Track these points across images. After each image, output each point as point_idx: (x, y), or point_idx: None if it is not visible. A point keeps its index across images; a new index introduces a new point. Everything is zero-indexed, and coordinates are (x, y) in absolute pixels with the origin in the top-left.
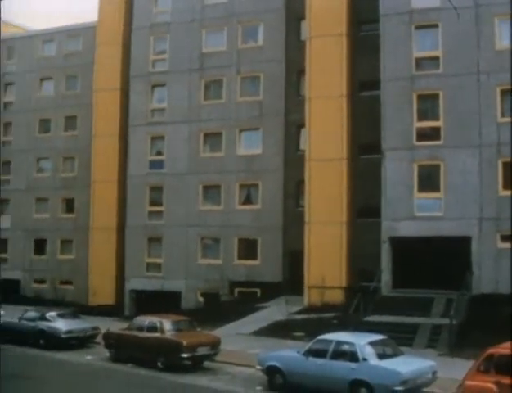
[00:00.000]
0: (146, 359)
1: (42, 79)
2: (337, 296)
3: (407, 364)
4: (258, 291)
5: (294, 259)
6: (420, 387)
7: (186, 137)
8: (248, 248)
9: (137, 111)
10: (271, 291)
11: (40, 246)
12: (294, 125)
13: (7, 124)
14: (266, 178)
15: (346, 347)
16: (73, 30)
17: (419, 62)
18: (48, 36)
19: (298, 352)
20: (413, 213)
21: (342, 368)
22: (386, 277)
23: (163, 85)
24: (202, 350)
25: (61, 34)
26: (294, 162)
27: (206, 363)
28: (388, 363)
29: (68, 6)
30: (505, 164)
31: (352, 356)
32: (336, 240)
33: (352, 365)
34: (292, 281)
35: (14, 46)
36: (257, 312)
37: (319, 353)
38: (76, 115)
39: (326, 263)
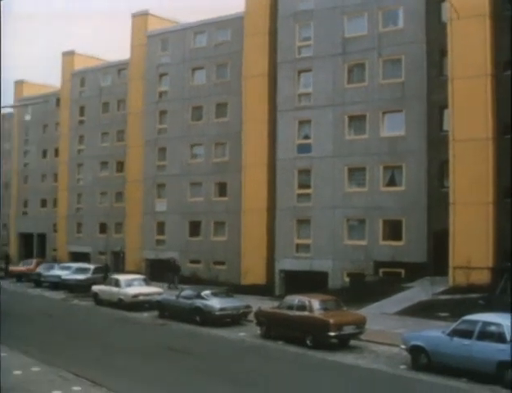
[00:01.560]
0: (296, 336)
1: (194, 69)
2: (483, 277)
3: None
4: (403, 271)
5: (438, 240)
6: None
7: (331, 121)
8: (392, 229)
9: (285, 97)
10: (415, 272)
11: (195, 228)
12: (436, 106)
13: (163, 113)
14: (409, 160)
15: (493, 328)
16: (222, 22)
17: None
18: (199, 28)
19: (443, 332)
20: None
21: (488, 349)
22: None
23: (308, 70)
24: (348, 329)
25: (211, 26)
26: (437, 143)
27: (352, 342)
28: None
29: None
30: None
31: (500, 337)
32: (482, 220)
33: (500, 346)
34: (436, 261)
35: (167, 38)
36: (401, 292)
37: (465, 333)
38: (227, 102)
39: (472, 243)
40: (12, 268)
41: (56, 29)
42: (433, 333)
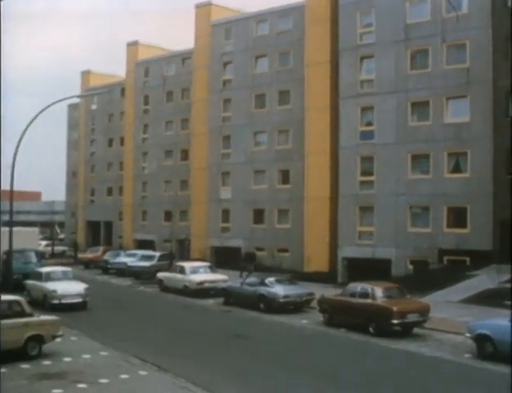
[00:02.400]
0: (359, 324)
1: (257, 57)
2: None
3: None
4: (468, 259)
5: (504, 228)
6: None
7: (394, 107)
8: (457, 216)
9: (347, 83)
10: (480, 260)
11: (259, 216)
12: (502, 91)
13: (227, 101)
14: (474, 146)
15: None
16: (284, 10)
17: None
18: (261, 17)
19: (509, 321)
20: None
21: None
22: None
23: (370, 57)
24: (412, 317)
25: (273, 15)
26: (503, 129)
27: (415, 330)
28: None
29: None
30: None
31: None
32: None
33: None
34: (502, 249)
35: (231, 28)
36: (466, 280)
37: None
38: (289, 90)
39: None
40: (80, 255)
41: (121, 21)
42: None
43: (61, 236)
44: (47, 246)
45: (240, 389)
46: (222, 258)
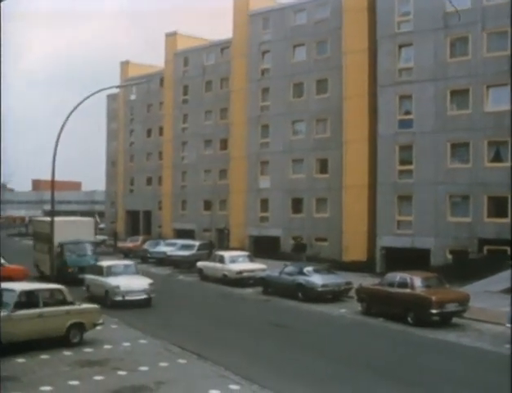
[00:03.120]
0: (397, 313)
1: (294, 46)
2: None
3: None
4: (508, 249)
5: None
6: None
7: (433, 96)
8: (497, 206)
9: (385, 71)
10: None
11: (297, 205)
12: None
13: (265, 90)
14: None
15: None
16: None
17: None
18: (299, 6)
19: None
20: None
21: None
22: None
23: (409, 45)
24: (451, 307)
25: (311, 4)
26: None
27: (454, 320)
28: None
29: None
30: None
31: None
32: None
33: None
34: None
35: (268, 17)
36: (507, 270)
37: None
38: (327, 78)
39: None
40: (120, 244)
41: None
42: None
43: (101, 225)
44: None
45: (278, 378)
46: (261, 247)
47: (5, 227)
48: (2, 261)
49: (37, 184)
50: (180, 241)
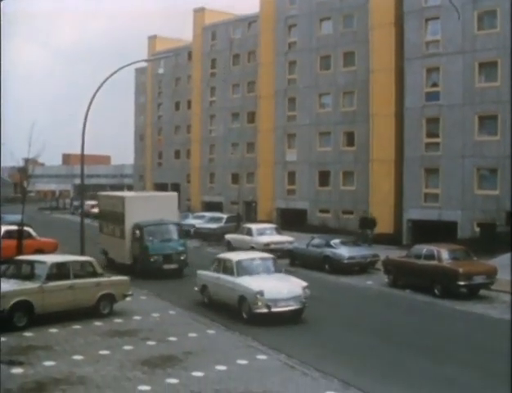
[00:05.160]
0: (423, 285)
1: (321, 20)
2: None
3: None
4: None
5: None
6: None
7: (461, 68)
8: None
9: (412, 45)
10: None
11: (324, 178)
12: None
13: (292, 63)
14: None
15: None
16: None
17: None
18: None
19: None
20: None
21: None
22: None
23: (436, 18)
24: (478, 279)
25: None
26: None
27: (482, 292)
28: None
29: None
30: None
31: None
32: None
33: None
34: None
35: None
36: None
37: None
38: (354, 51)
39: None
40: None
41: None
42: None
43: None
44: None
45: (303, 349)
46: (288, 220)
47: (36, 201)
48: (34, 234)
49: (67, 158)
50: (208, 214)
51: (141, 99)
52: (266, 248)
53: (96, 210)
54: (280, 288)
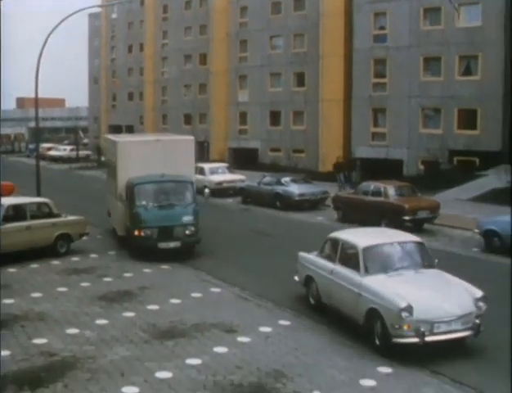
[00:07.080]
0: (371, 220)
1: None
2: None
3: None
4: (477, 159)
5: None
6: None
7: (407, 13)
8: (467, 118)
9: None
10: (489, 160)
11: (275, 118)
12: None
13: (244, 8)
14: (486, 50)
15: None
16: None
17: None
18: None
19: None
20: None
21: None
22: None
23: None
24: (422, 214)
25: None
26: None
27: (426, 226)
28: None
29: None
30: None
31: None
32: None
33: None
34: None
35: None
36: (475, 180)
37: None
38: None
39: None
40: (103, 159)
41: None
42: (507, 218)
43: (85, 140)
44: (71, 150)
45: (260, 281)
46: (240, 159)
47: None
48: None
49: (21, 102)
50: None
51: (95, 43)
52: (218, 187)
53: (52, 153)
54: (438, 301)
